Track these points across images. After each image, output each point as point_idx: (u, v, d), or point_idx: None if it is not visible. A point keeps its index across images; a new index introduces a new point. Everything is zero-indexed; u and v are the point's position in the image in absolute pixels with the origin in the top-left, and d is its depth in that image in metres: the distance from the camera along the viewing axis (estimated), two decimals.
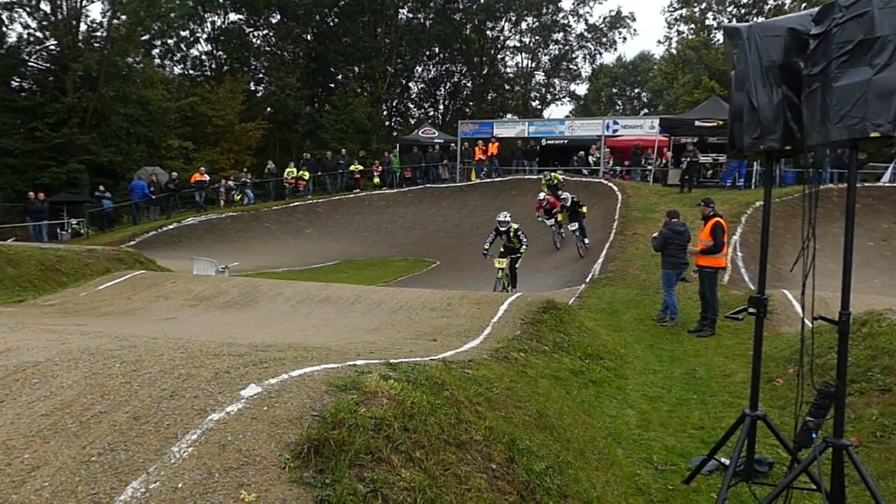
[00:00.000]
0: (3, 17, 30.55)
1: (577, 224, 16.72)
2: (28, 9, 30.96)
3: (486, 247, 12.60)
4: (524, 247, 12.32)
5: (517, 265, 12.42)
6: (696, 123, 22.62)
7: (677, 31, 46.86)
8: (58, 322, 6.70)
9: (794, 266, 3.58)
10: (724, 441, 4.40)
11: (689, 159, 21.07)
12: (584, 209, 17.08)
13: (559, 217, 17.62)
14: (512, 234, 12.34)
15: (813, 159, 3.70)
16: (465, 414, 3.46)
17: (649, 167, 24.42)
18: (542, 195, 18.08)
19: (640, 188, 21.29)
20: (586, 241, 16.86)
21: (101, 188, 25.65)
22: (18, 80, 32.73)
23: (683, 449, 5.13)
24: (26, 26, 31.92)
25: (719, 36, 40.74)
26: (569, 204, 17.14)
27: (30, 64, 32.75)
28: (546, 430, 4.20)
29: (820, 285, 3.43)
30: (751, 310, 4.07)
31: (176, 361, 3.24)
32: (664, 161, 24.26)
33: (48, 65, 32.77)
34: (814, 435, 3.51)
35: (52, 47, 32.50)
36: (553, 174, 21.30)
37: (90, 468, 2.27)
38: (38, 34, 32.25)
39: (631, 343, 8.92)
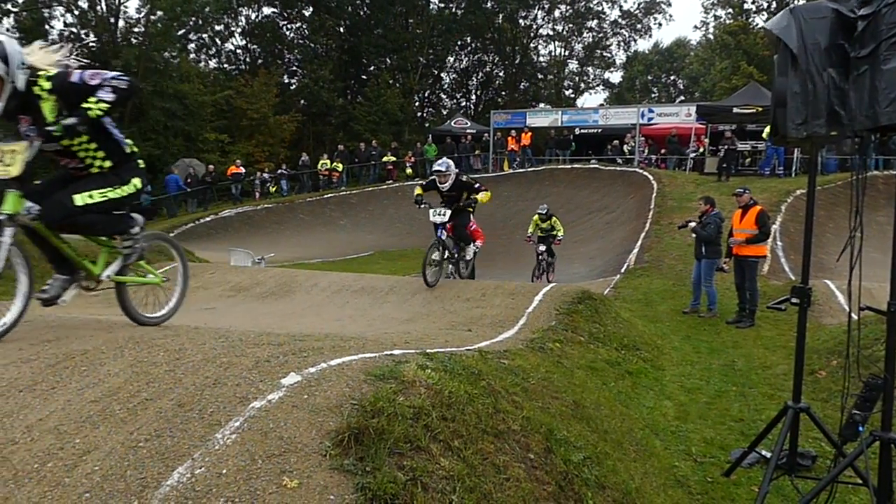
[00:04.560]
0: (45, 14, 31.36)
1: (450, 234, 9.00)
2: (66, 5, 31.69)
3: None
4: None
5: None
6: (735, 110, 22.14)
7: (714, 15, 45.75)
8: (102, 311, 6.88)
9: (841, 256, 3.49)
10: (766, 434, 4.33)
11: (726, 147, 20.59)
12: (480, 197, 9.00)
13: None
14: None
15: (859, 145, 3.59)
16: (502, 404, 3.46)
17: (691, 156, 23.85)
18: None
19: (676, 177, 20.93)
20: (462, 268, 9.31)
21: None
22: None
23: (723, 441, 5.06)
24: (67, 24, 32.76)
25: (758, 20, 39.70)
26: (451, 182, 9.16)
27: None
28: (583, 421, 4.18)
29: (864, 275, 3.33)
30: (794, 300, 3.98)
31: (217, 350, 3.30)
32: (701, 149, 23.78)
33: (88, 61, 33.48)
34: (860, 428, 3.43)
35: (92, 44, 33.23)
36: (556, 219, 14.54)
37: (138, 453, 2.33)
38: (78, 31, 33.00)
39: (667, 334, 8.81)
